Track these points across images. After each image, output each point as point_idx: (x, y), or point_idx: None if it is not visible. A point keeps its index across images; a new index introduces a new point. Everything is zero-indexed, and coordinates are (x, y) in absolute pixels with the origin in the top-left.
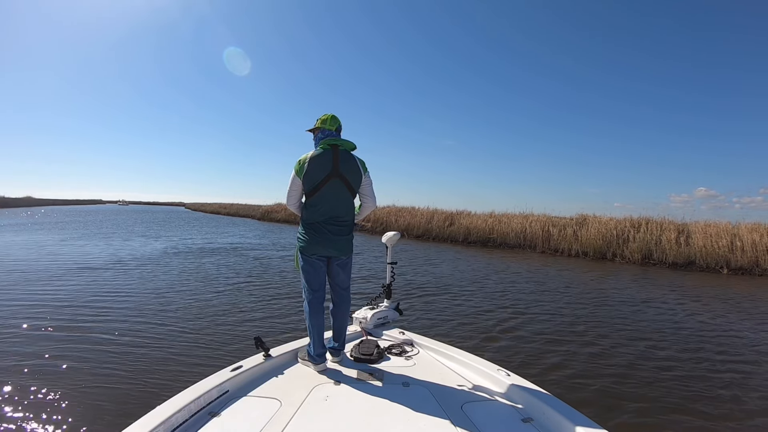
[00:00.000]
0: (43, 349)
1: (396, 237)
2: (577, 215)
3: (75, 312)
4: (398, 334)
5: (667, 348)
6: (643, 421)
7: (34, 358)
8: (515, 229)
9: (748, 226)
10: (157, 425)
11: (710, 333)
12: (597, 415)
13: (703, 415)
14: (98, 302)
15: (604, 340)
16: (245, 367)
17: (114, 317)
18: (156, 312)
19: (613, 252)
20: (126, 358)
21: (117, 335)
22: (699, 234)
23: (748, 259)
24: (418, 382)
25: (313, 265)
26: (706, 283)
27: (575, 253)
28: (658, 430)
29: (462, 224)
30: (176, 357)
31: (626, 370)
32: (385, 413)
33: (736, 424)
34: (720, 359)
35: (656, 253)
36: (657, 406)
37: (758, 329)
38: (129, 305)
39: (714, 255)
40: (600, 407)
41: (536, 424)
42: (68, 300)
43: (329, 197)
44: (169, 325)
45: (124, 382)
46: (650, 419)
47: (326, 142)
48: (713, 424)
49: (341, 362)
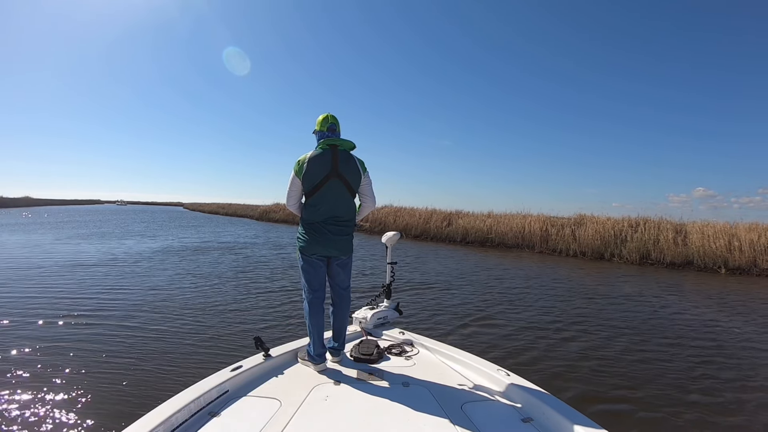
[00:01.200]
0: (41, 349)
1: (396, 237)
2: (575, 215)
3: (73, 311)
4: (398, 334)
5: (677, 346)
6: (643, 417)
7: (34, 359)
8: (513, 229)
9: (746, 226)
10: (157, 425)
11: (710, 332)
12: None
13: (705, 408)
14: (96, 302)
15: (618, 341)
16: (245, 367)
17: (112, 317)
18: (155, 312)
19: (611, 252)
20: (125, 358)
21: (115, 335)
22: (697, 234)
23: (746, 259)
24: (418, 382)
25: (313, 264)
26: (704, 283)
27: (573, 253)
28: (657, 425)
29: (460, 224)
30: (176, 357)
31: (629, 367)
32: (385, 413)
33: (737, 423)
34: (718, 355)
35: (654, 253)
36: (655, 404)
37: (747, 326)
38: (127, 305)
39: (712, 255)
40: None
41: (536, 424)
42: (67, 299)
43: (329, 197)
44: (168, 325)
45: (124, 383)
46: (649, 417)
47: (325, 143)
48: (714, 420)
49: (341, 362)
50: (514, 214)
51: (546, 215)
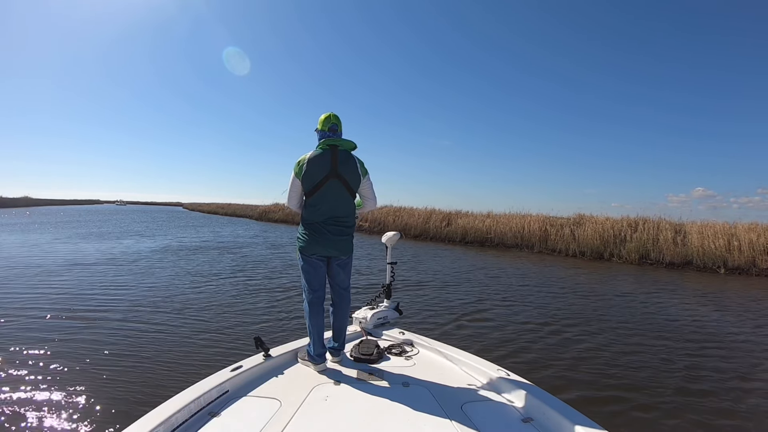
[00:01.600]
0: (41, 349)
1: (396, 237)
2: (574, 215)
3: (72, 311)
4: (398, 334)
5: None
6: (643, 417)
7: (34, 359)
8: (513, 229)
9: (746, 226)
10: (157, 425)
11: (708, 331)
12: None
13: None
14: (95, 301)
15: (615, 340)
16: (245, 367)
17: (112, 317)
18: (154, 312)
19: (611, 252)
20: (125, 358)
21: (115, 335)
22: (696, 234)
23: (746, 259)
24: (418, 382)
25: (313, 265)
26: (703, 283)
27: (572, 253)
28: (658, 425)
29: (459, 224)
30: (176, 357)
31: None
32: (385, 413)
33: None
34: (718, 353)
35: (653, 253)
36: (655, 402)
37: (744, 325)
38: (126, 305)
39: (711, 255)
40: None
41: (536, 424)
42: (66, 299)
43: (328, 197)
44: (168, 324)
45: (123, 383)
46: (650, 415)
47: (325, 143)
48: (712, 419)
49: (341, 362)
50: (513, 214)
51: (545, 215)
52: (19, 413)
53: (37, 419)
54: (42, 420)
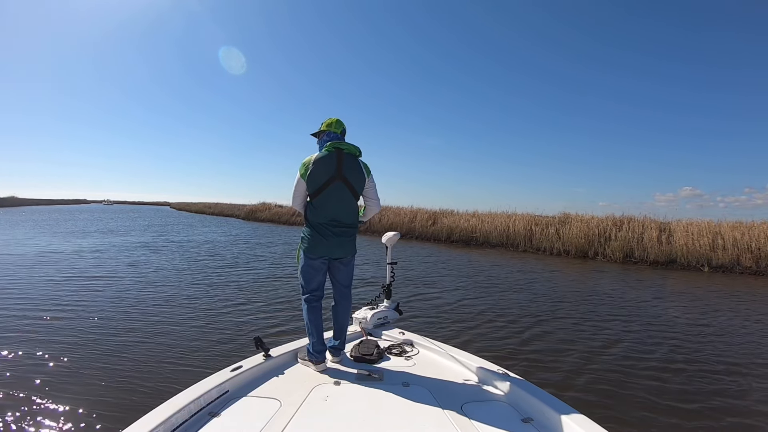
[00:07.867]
0: (40, 349)
1: (396, 237)
2: (560, 214)
3: (72, 311)
4: (398, 334)
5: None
6: (643, 415)
7: (31, 355)
8: (498, 228)
9: (730, 225)
10: (156, 425)
11: (701, 331)
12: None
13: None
14: (94, 301)
15: (595, 337)
16: (245, 367)
17: (111, 317)
18: (153, 312)
19: (595, 250)
20: (125, 358)
21: (115, 335)
22: (681, 232)
23: (730, 257)
24: (418, 381)
25: (314, 266)
26: (686, 281)
27: (557, 252)
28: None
29: (445, 223)
30: (176, 357)
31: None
32: (385, 413)
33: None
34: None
35: (638, 252)
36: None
37: (713, 319)
38: (125, 305)
39: (695, 253)
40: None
41: (536, 424)
42: (65, 298)
43: (333, 199)
44: (167, 325)
45: (123, 383)
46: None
47: (332, 145)
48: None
49: (341, 362)
50: (498, 213)
51: (531, 214)
52: (18, 414)
53: (37, 420)
54: (42, 420)
